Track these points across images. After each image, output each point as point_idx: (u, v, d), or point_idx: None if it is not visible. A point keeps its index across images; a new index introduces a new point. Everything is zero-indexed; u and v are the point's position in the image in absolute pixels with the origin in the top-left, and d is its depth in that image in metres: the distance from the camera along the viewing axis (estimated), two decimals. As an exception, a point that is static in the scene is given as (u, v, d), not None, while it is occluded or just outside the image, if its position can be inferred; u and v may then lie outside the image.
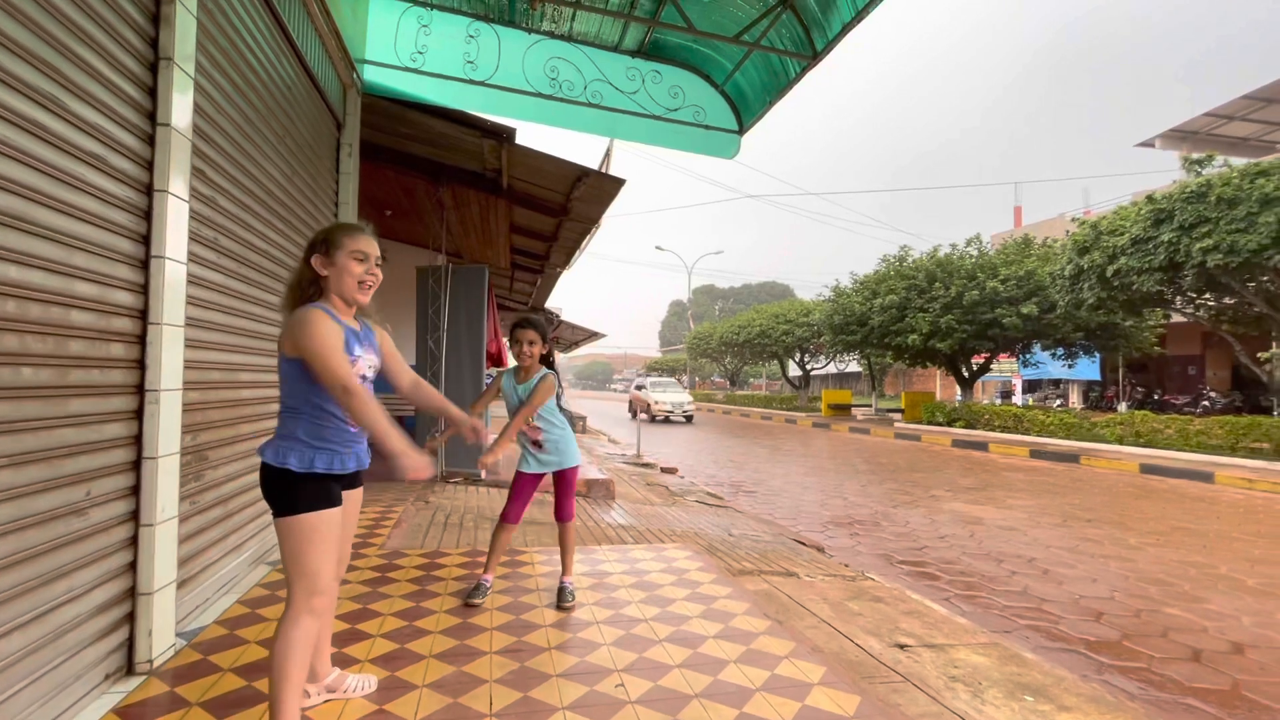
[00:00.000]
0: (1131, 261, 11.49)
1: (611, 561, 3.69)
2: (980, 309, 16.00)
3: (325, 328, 1.68)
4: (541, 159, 5.41)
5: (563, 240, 7.91)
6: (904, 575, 4.64)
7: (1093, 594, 4.27)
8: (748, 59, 4.63)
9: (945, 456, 12.54)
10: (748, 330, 30.57)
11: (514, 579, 3.30)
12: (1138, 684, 3.01)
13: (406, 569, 3.40)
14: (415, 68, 4.76)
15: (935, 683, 2.54)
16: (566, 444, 3.02)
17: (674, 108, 5.08)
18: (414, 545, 3.89)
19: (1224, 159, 11.57)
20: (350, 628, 2.61)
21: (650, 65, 5.05)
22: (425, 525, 4.44)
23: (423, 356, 6.52)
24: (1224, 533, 6.13)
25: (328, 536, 1.72)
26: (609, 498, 6.21)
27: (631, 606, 2.95)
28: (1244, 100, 20.45)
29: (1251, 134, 22.06)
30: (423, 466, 1.67)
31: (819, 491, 8.23)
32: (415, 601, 2.92)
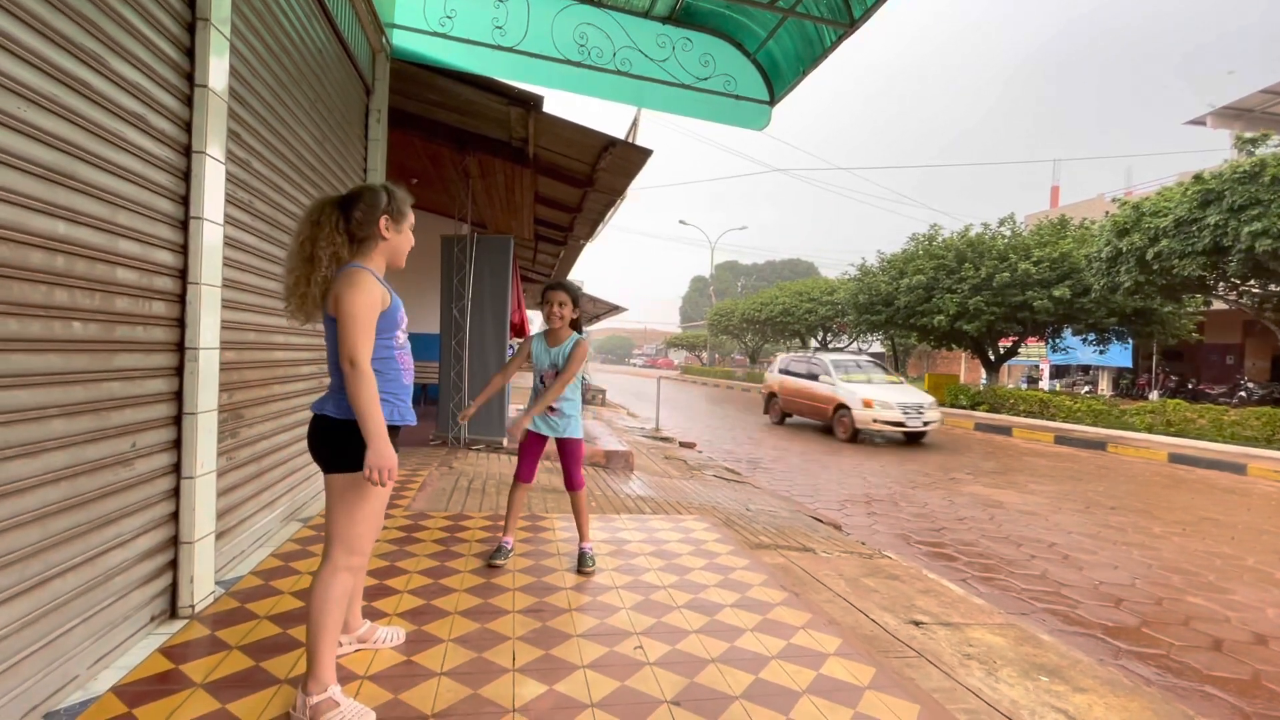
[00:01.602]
0: (1174, 244, 11.08)
1: (630, 530, 3.75)
2: (1010, 291, 15.61)
3: (373, 295, 1.70)
4: (568, 128, 5.36)
5: (587, 211, 7.87)
6: (921, 555, 4.65)
7: (1113, 580, 4.24)
8: (781, 26, 4.50)
9: (968, 440, 12.40)
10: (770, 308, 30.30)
11: (535, 543, 3.37)
12: (1155, 670, 3.01)
13: (432, 530, 3.49)
14: (444, 33, 4.72)
15: (950, 659, 2.56)
16: (575, 417, 3.06)
17: (704, 77, 4.97)
18: (438, 508, 3.99)
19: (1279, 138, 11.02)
20: (379, 583, 2.71)
21: (681, 32, 4.94)
22: (449, 490, 4.55)
23: (447, 325, 6.59)
24: (1254, 525, 6.01)
25: (377, 497, 1.77)
26: (628, 469, 6.28)
27: (650, 574, 3.01)
28: (1305, 76, 19.30)
29: (1311, 113, 20.91)
30: (390, 464, 1.63)
31: (837, 470, 8.22)
32: (440, 561, 3.01)
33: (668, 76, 4.96)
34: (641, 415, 14.20)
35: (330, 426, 1.75)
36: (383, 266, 1.87)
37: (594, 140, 5.45)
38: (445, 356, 6.61)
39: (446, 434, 6.51)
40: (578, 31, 4.80)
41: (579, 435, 3.08)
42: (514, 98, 5.10)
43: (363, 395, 1.64)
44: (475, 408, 2.95)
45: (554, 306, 2.96)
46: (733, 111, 5.11)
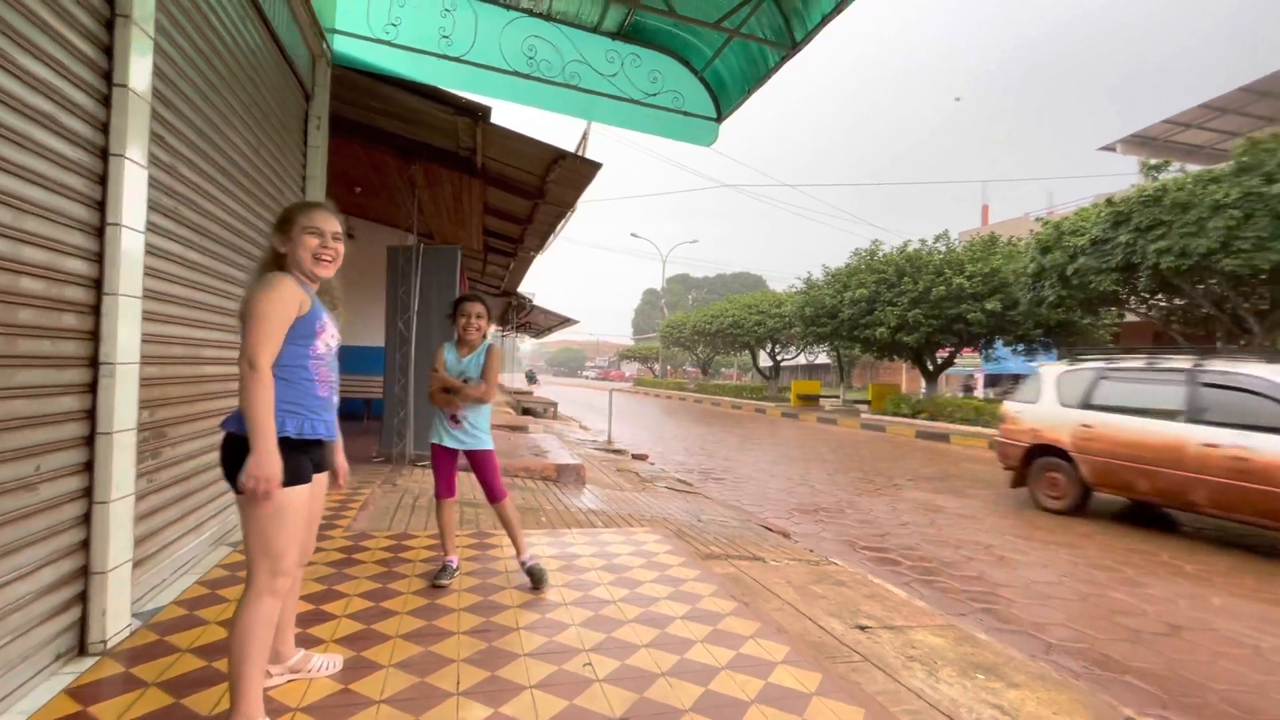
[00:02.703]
0: (1090, 261, 11.87)
1: (581, 544, 3.71)
2: (946, 304, 16.38)
3: (285, 295, 1.66)
4: (517, 139, 5.33)
5: (537, 223, 7.83)
6: (866, 560, 4.77)
7: (1043, 579, 4.45)
8: (727, 46, 4.62)
9: (910, 447, 12.86)
10: (720, 320, 30.77)
11: (482, 560, 3.29)
12: (1081, 663, 3.16)
13: (373, 550, 3.36)
14: (388, 40, 4.63)
15: (893, 662, 2.63)
16: (480, 426, 2.97)
17: (653, 92, 5.05)
18: (381, 527, 3.84)
19: (1180, 165, 11.99)
20: (315, 609, 2.58)
21: (630, 48, 5.00)
22: (392, 508, 4.39)
23: (392, 338, 6.41)
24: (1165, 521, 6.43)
25: (296, 514, 1.69)
26: (580, 483, 6.22)
27: (600, 588, 2.98)
28: (1200, 109, 21.21)
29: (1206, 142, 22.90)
30: (269, 474, 1.56)
31: (786, 479, 8.37)
32: (382, 583, 2.90)
33: (617, 91, 5.01)
34: (594, 428, 14.13)
35: (228, 444, 1.68)
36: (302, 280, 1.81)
37: (543, 152, 5.43)
38: (390, 370, 6.42)
39: (390, 450, 6.30)
40: (526, 44, 4.79)
41: (488, 446, 2.97)
42: (461, 107, 5.05)
43: (254, 399, 1.56)
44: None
45: (471, 319, 2.90)
46: (681, 127, 5.20)
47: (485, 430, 2.98)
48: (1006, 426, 7.21)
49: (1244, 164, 10.18)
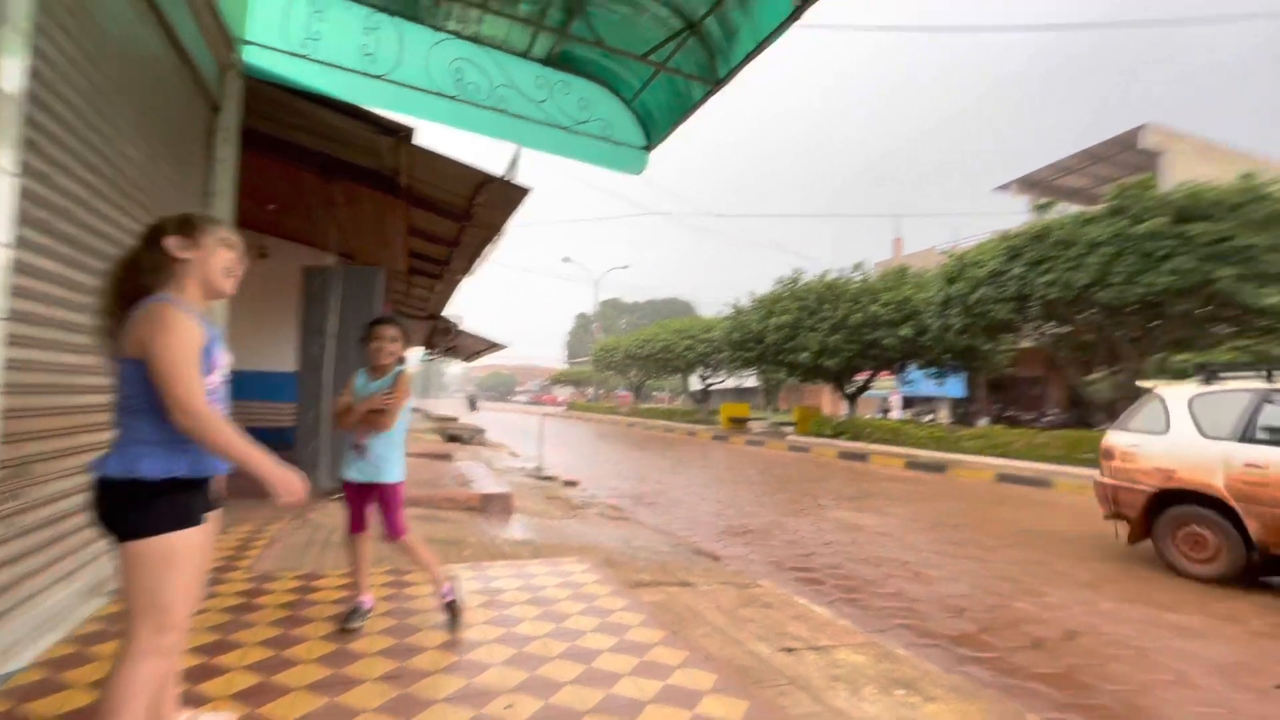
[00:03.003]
0: (989, 291, 12.87)
1: (506, 578, 3.58)
2: (863, 330, 17.27)
3: (189, 334, 1.50)
4: (443, 161, 5.23)
5: (465, 246, 7.68)
6: (793, 581, 4.86)
7: (956, 592, 4.68)
8: (655, 79, 4.74)
9: (832, 467, 13.33)
10: (652, 344, 31.12)
11: (399, 600, 3.11)
12: (991, 672, 3.32)
13: (277, 593, 3.11)
14: (306, 55, 4.46)
15: (818, 683, 2.66)
16: (389, 458, 2.78)
17: (582, 120, 5.09)
18: (288, 567, 3.57)
19: (1063, 205, 13.28)
20: (205, 662, 2.34)
21: (559, 75, 5.04)
22: (302, 546, 4.10)
23: (306, 363, 6.05)
24: (1060, 532, 6.94)
25: (188, 562, 1.53)
26: (507, 512, 6.04)
27: (525, 624, 2.87)
28: (1078, 156, 23.66)
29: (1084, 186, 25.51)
30: (297, 485, 1.55)
31: (716, 502, 8.46)
32: (285, 629, 2.68)
33: (546, 117, 5.02)
34: (524, 454, 13.82)
35: (102, 490, 1.50)
36: (198, 297, 1.65)
37: (470, 175, 5.35)
38: (302, 397, 6.05)
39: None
40: (453, 66, 4.74)
41: (397, 479, 2.79)
42: (384, 127, 4.91)
43: (220, 440, 1.47)
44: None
45: (384, 343, 2.76)
46: (611, 155, 5.26)
47: (394, 461, 2.80)
48: (1116, 464, 5.62)
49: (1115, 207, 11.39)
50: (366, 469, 2.74)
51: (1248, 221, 9.97)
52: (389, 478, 2.76)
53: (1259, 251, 9.73)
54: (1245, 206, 10.12)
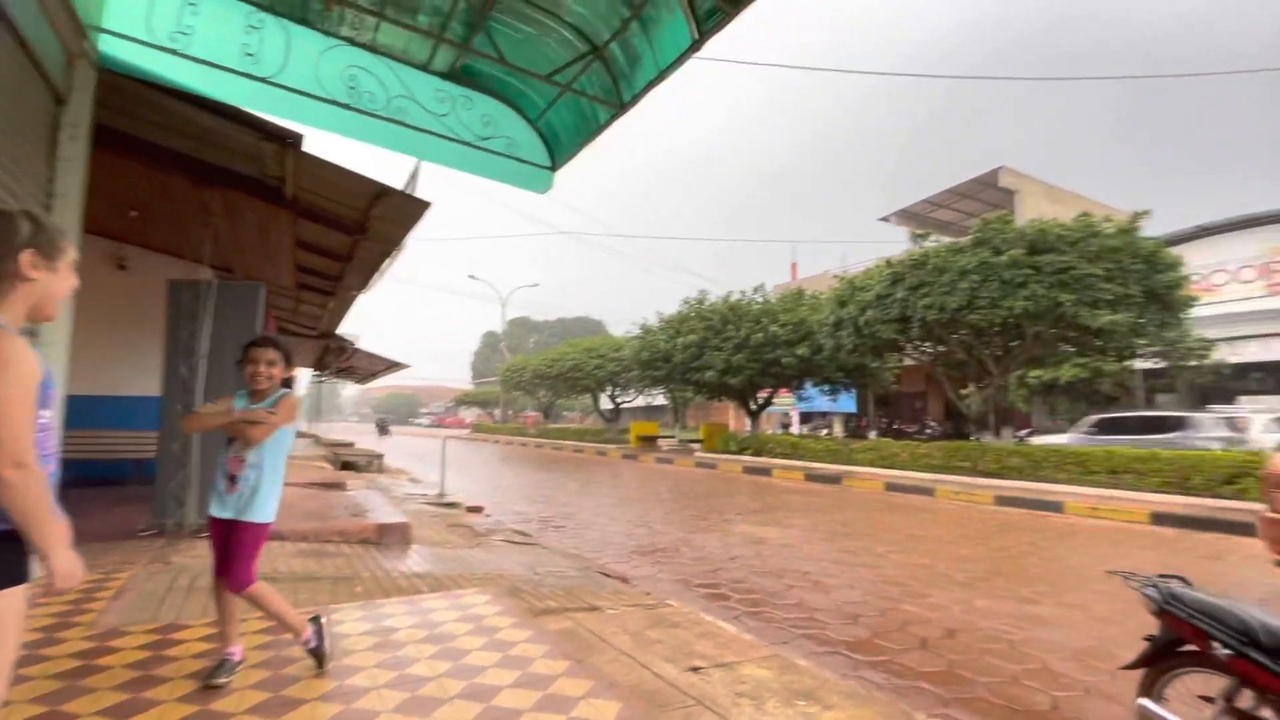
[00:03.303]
0: (876, 314, 13.87)
1: (400, 615, 3.35)
2: (764, 349, 18.05)
3: (27, 370, 1.30)
4: (335, 171, 4.94)
5: (359, 261, 7.27)
6: (700, 598, 4.90)
7: (851, 599, 4.91)
8: (560, 99, 4.75)
9: (738, 482, 13.72)
10: (561, 364, 30.85)
11: (276, 648, 2.82)
12: (883, 675, 3.50)
13: (125, 651, 2.72)
14: (176, 50, 4.08)
15: (724, 701, 2.68)
16: (262, 494, 2.48)
17: (486, 136, 5.00)
18: (141, 620, 3.14)
19: (937, 236, 14.61)
20: (27, 740, 2.00)
21: (461, 90, 4.93)
22: (160, 593, 3.63)
23: (172, 387, 5.44)
24: (942, 537, 7.50)
25: (18, 621, 1.31)
26: (405, 543, 5.69)
27: (420, 664, 2.69)
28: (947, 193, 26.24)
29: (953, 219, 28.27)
30: (74, 572, 1.36)
31: (626, 522, 8.44)
32: (133, 692, 2.34)
33: (447, 131, 4.88)
34: (426, 480, 13.16)
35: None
36: (21, 318, 1.43)
37: (365, 187, 5.09)
38: (167, 425, 5.42)
39: (164, 521, 5.27)
40: (347, 73, 4.51)
41: (265, 519, 2.50)
42: (268, 132, 4.57)
43: (32, 500, 1.27)
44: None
45: (260, 366, 2.51)
46: (515, 173, 5.19)
47: (267, 498, 2.50)
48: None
49: (980, 238, 12.66)
50: (234, 505, 2.47)
51: (1085, 254, 11.42)
52: (257, 516, 2.47)
53: (1095, 280, 11.16)
54: (1082, 242, 11.59)
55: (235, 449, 2.51)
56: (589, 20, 4.06)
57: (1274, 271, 18.24)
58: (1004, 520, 8.83)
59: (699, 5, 3.48)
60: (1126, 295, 11.32)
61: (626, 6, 3.83)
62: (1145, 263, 11.66)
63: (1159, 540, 7.51)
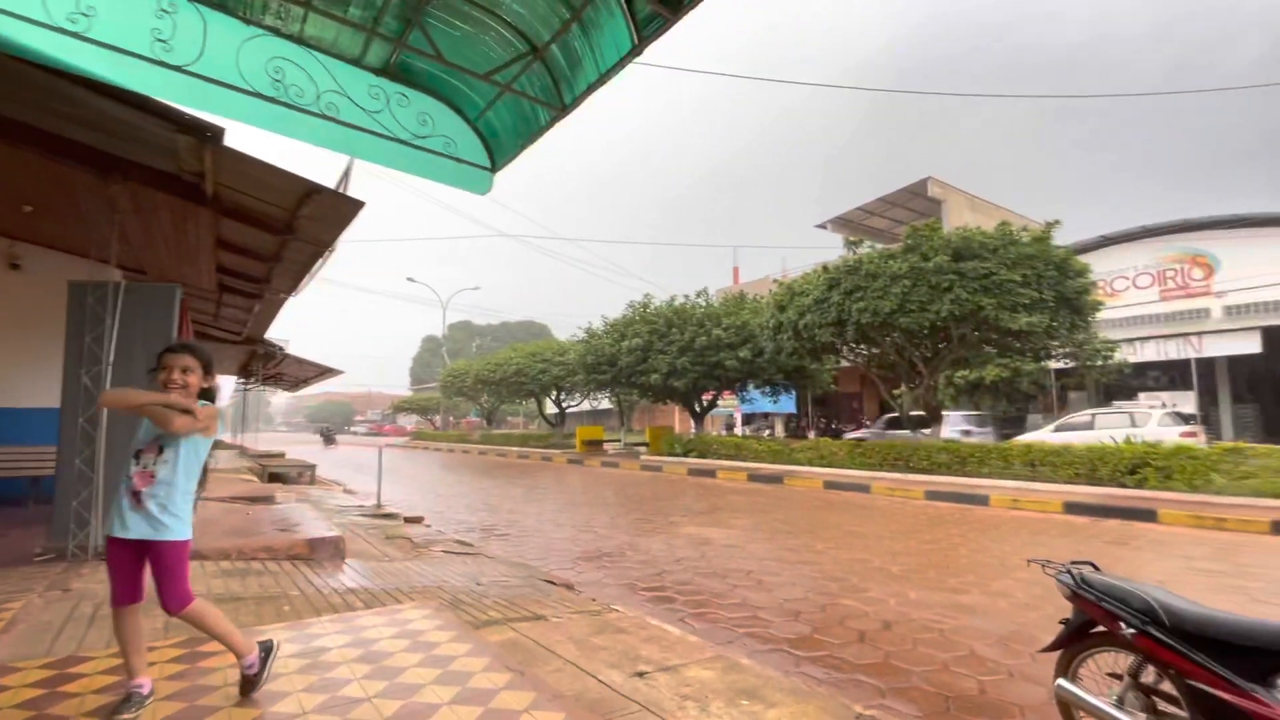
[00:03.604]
0: (814, 317, 14.30)
1: (331, 635, 3.18)
2: (708, 352, 18.31)
3: None
4: (260, 168, 4.69)
5: (288, 262, 6.92)
6: (645, 601, 4.90)
7: (792, 596, 5.02)
8: (499, 99, 4.66)
9: (683, 484, 13.83)
10: (504, 368, 30.32)
11: (191, 677, 2.62)
12: (823, 670, 3.58)
13: (14, 690, 2.47)
14: (75, 31, 3.76)
15: (669, 705, 2.68)
16: (174, 510, 2.32)
17: (422, 135, 4.84)
18: (35, 653, 2.87)
19: (870, 243, 15.21)
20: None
21: (396, 87, 4.76)
22: (58, 623, 3.33)
23: (73, 397, 5.01)
24: (877, 533, 7.79)
25: None
26: (339, 558, 5.43)
27: (352, 685, 2.56)
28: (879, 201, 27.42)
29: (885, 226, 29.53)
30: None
31: (571, 528, 8.35)
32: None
33: (382, 129, 4.70)
34: (362, 491, 12.64)
35: None
36: None
37: (293, 185, 4.85)
38: (68, 439, 4.99)
39: (65, 544, 4.83)
40: (271, 65, 4.27)
41: (185, 536, 2.35)
42: (184, 125, 4.29)
43: None
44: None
45: (173, 373, 2.35)
46: (454, 173, 5.05)
47: (180, 515, 2.33)
48: None
49: (910, 245, 13.25)
50: (142, 523, 2.27)
51: (1004, 261, 12.15)
52: (173, 534, 2.30)
53: (1013, 285, 11.88)
54: (1002, 249, 12.33)
55: (144, 462, 2.32)
56: (528, 20, 4.00)
57: (1167, 278, 19.95)
58: (935, 514, 9.25)
59: (638, 10, 3.49)
60: (1041, 299, 12.10)
61: (566, 8, 3.80)
62: (1057, 269, 12.50)
63: (1072, 528, 8.04)
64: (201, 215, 5.76)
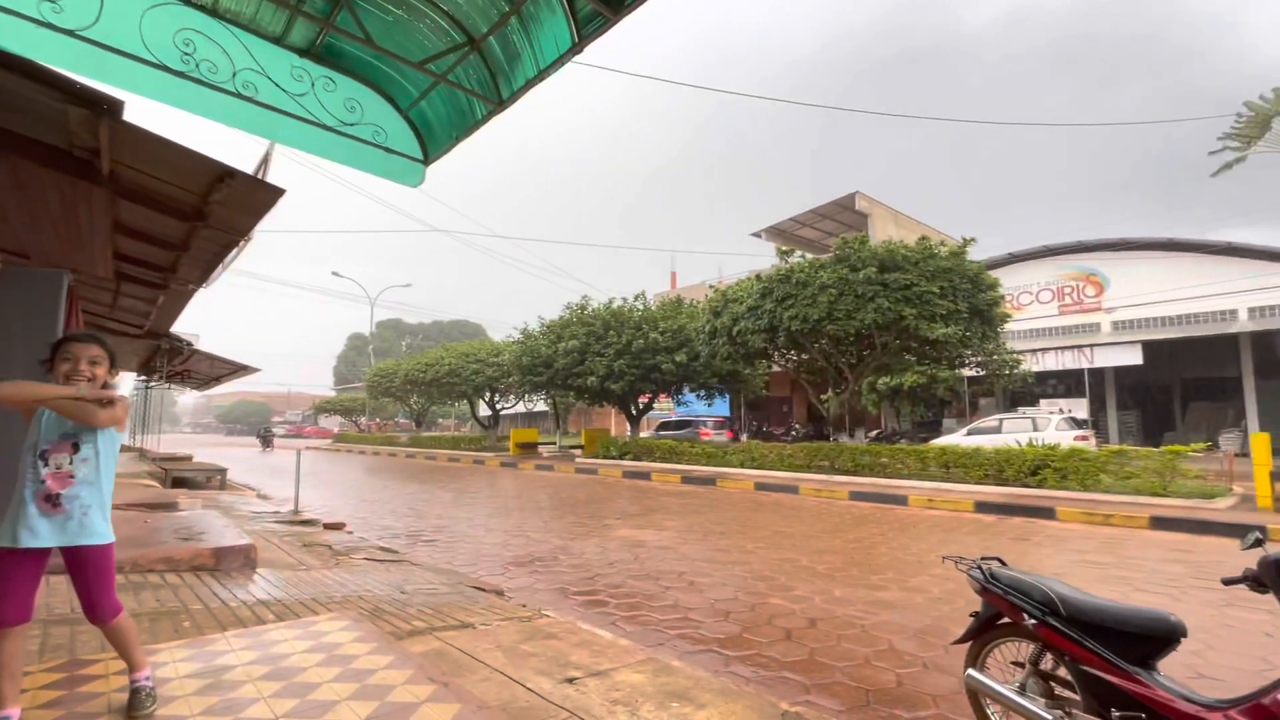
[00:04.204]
0: (747, 324, 14.64)
1: (237, 651, 2.96)
2: (645, 356, 18.41)
3: None
4: (166, 147, 4.32)
5: (197, 250, 6.42)
6: (577, 606, 4.84)
7: (723, 596, 5.09)
8: (434, 90, 4.51)
9: (618, 487, 13.81)
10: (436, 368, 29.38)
11: (69, 703, 2.37)
12: (752, 668, 3.65)
13: None
14: (-54, -15, 3.36)
15: (599, 711, 2.65)
16: (97, 510, 2.23)
17: (350, 122, 4.62)
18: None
19: (801, 253, 15.74)
20: None
21: (322, 70, 4.52)
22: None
23: (-66, 393, 4.46)
24: (805, 532, 8.03)
25: None
26: (249, 568, 5.08)
27: (258, 705, 2.39)
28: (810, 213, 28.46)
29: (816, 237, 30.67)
30: None
31: (502, 533, 8.17)
32: None
33: (305, 114, 4.44)
34: (278, 496, 11.92)
35: None
36: None
37: (204, 166, 4.50)
38: (-74, 440, 4.43)
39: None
40: (180, 36, 3.96)
41: (110, 538, 2.25)
42: (76, 96, 3.90)
43: None
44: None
45: (80, 364, 2.21)
46: (383, 164, 4.84)
47: (104, 515, 2.22)
48: None
49: (839, 256, 13.80)
50: (60, 530, 2.09)
51: (924, 273, 12.86)
52: (102, 538, 2.18)
53: (932, 297, 12.59)
54: (923, 262, 13.05)
55: (55, 462, 2.10)
56: (465, 10, 3.89)
57: (1064, 294, 21.70)
58: (858, 514, 9.65)
59: (579, 8, 3.46)
60: (957, 310, 12.88)
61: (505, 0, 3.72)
62: (971, 283, 13.35)
63: (981, 526, 8.58)
64: (96, 197, 5.26)
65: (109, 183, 4.98)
